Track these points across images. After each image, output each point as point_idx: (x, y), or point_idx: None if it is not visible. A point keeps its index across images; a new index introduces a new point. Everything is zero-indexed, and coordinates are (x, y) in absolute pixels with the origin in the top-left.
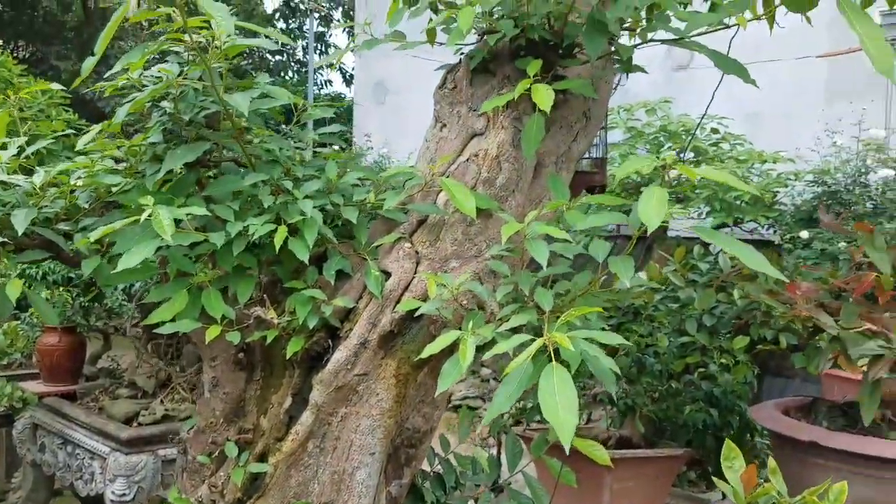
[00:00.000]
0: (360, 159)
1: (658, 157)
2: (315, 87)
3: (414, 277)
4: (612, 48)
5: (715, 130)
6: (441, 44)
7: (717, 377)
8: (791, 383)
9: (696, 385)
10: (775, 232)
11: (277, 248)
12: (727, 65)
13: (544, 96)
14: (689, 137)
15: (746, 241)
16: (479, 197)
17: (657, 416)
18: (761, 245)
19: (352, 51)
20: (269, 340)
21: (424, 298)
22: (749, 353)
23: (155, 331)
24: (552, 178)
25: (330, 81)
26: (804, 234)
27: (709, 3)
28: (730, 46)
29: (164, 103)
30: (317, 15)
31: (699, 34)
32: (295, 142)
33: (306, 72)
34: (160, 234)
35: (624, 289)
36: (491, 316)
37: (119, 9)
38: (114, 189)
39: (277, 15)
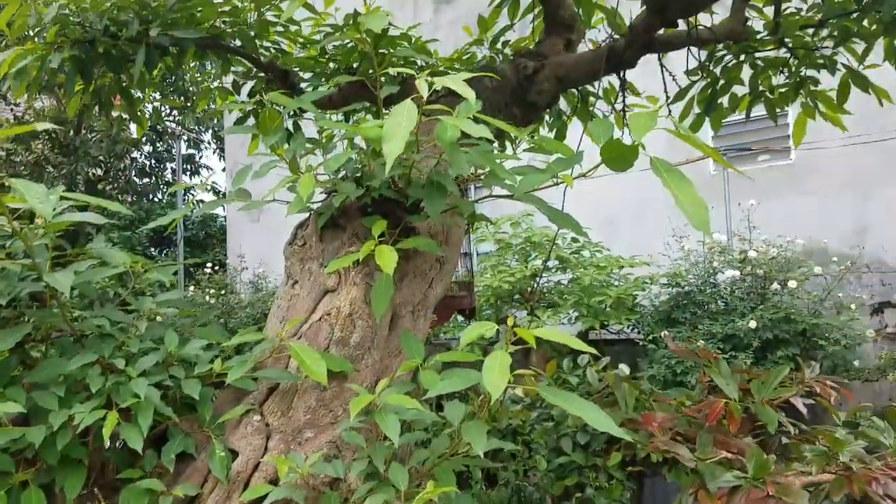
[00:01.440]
0: (234, 283)
1: (527, 266)
2: (184, 207)
3: (265, 454)
4: (455, 204)
5: (575, 240)
6: (286, 202)
7: (594, 500)
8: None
9: None
10: (639, 332)
11: (106, 439)
12: (560, 219)
13: (388, 259)
14: (553, 247)
15: (614, 341)
16: (333, 359)
17: None
18: (627, 344)
19: (210, 208)
20: None
21: (275, 480)
22: (623, 468)
23: None
24: (405, 336)
25: (202, 201)
26: (665, 333)
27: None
28: (564, 198)
29: None
30: (185, 138)
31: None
32: (131, 311)
33: (175, 193)
34: None
35: (477, 456)
36: (348, 492)
37: None
38: None
39: (145, 139)
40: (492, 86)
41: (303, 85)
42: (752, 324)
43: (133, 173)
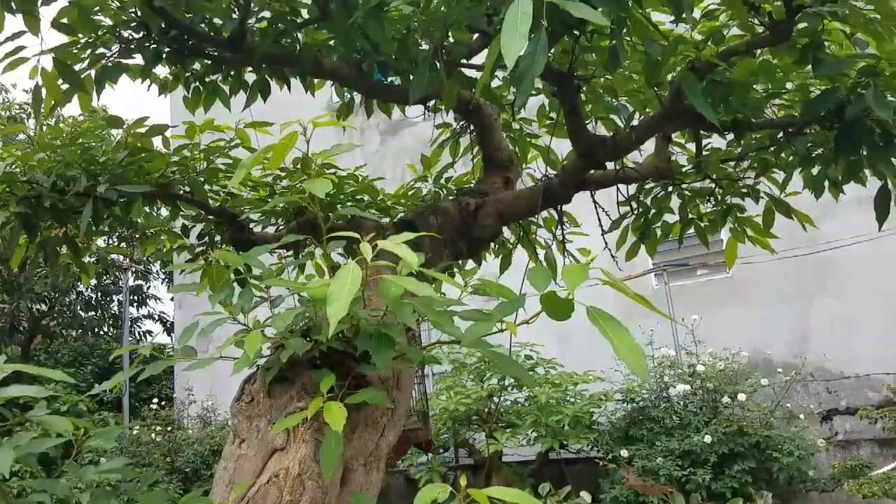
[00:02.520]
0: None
1: (483, 387)
2: (131, 338)
3: None
4: (403, 352)
5: (529, 357)
6: (233, 358)
7: None
8: None
9: None
10: (598, 450)
11: None
12: (507, 367)
13: (337, 416)
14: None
15: (574, 460)
16: None
17: None
18: (588, 464)
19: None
20: None
21: None
22: None
23: None
24: (356, 497)
25: (150, 332)
26: (624, 452)
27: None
28: (511, 346)
29: None
30: (133, 270)
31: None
32: (73, 480)
33: (122, 325)
34: None
35: None
36: None
37: None
38: None
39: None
40: (437, 224)
41: (251, 225)
42: (707, 438)
43: (79, 307)
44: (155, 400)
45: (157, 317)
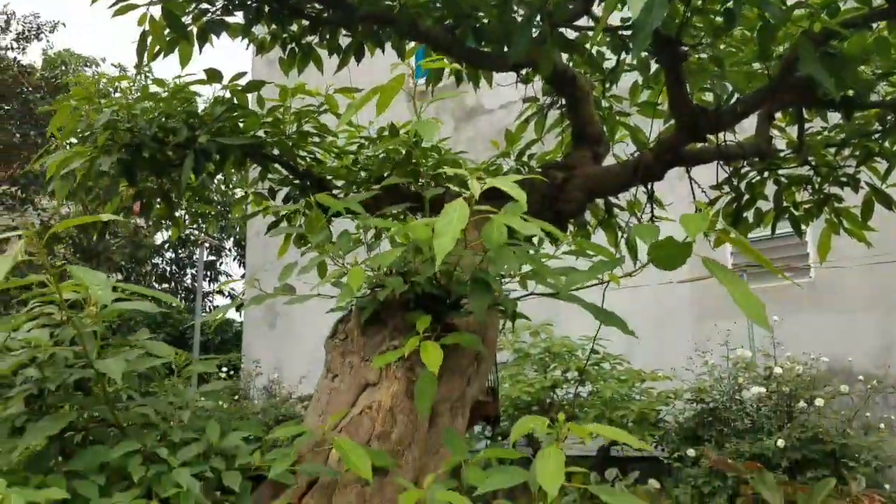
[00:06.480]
0: (249, 389)
1: (546, 377)
2: (203, 313)
3: None
4: (497, 302)
5: (595, 351)
6: (331, 296)
7: None
8: None
9: None
10: (663, 449)
11: None
12: (605, 317)
13: (433, 356)
14: (572, 358)
15: (637, 458)
16: (374, 454)
17: None
18: (651, 462)
19: (238, 308)
20: None
21: None
22: None
23: None
24: (448, 432)
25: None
26: (691, 452)
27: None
28: (603, 298)
29: (30, 370)
30: (207, 245)
31: (577, 289)
32: (175, 399)
33: (194, 298)
34: None
35: None
36: None
37: None
38: None
39: (167, 245)
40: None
41: (335, 192)
42: (781, 443)
43: (153, 278)
44: (223, 369)
45: (227, 293)
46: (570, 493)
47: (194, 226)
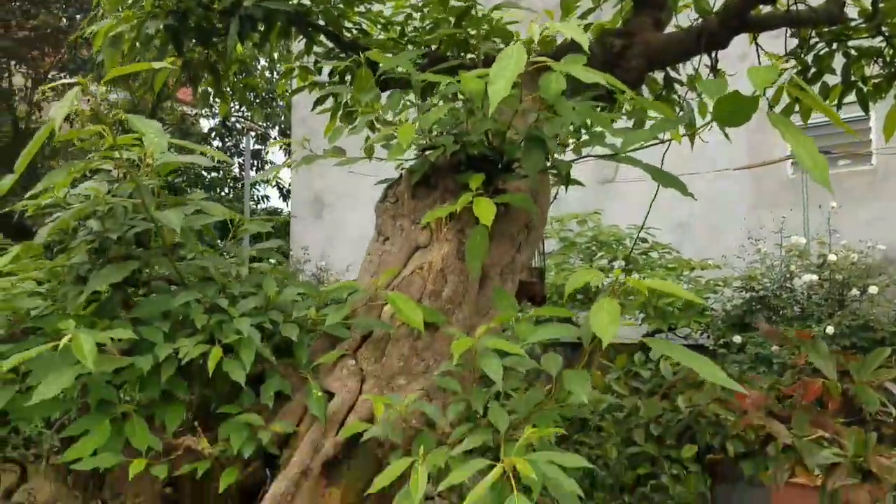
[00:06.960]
0: (298, 273)
1: (592, 266)
2: (252, 203)
3: (359, 397)
4: (550, 164)
5: (644, 240)
6: (381, 159)
7: (668, 488)
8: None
9: (649, 499)
10: (708, 337)
11: (211, 370)
12: (664, 179)
13: (486, 210)
14: (620, 247)
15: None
16: (426, 310)
17: None
18: (696, 350)
19: (289, 167)
20: (199, 474)
21: (370, 420)
22: (698, 461)
23: (73, 467)
24: (498, 291)
25: (267, 197)
26: (737, 338)
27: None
28: (662, 161)
29: (91, 222)
30: (253, 133)
31: (633, 150)
32: (231, 258)
33: (242, 187)
34: (80, 361)
35: (581, 403)
36: (442, 435)
37: (42, 127)
38: (33, 313)
39: (214, 133)
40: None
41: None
42: (830, 329)
43: (201, 167)
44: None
45: (273, 183)
46: (614, 371)
47: (240, 110)
